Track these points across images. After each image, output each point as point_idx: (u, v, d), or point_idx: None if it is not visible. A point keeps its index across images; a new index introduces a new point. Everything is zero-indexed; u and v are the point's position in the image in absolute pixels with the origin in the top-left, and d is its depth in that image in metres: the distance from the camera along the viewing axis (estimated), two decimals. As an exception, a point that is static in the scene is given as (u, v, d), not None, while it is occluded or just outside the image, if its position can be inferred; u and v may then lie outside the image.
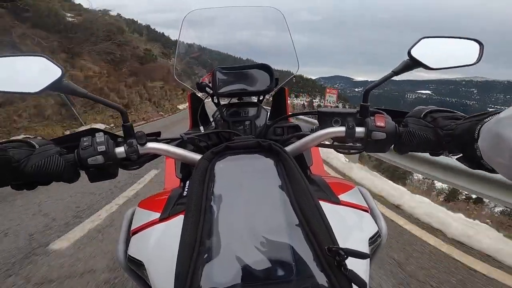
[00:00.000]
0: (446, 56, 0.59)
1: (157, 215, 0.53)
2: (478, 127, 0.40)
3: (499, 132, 0.33)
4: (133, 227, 0.54)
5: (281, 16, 0.99)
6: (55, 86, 0.48)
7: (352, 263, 0.34)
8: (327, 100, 8.48)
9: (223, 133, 0.76)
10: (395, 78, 0.59)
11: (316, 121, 0.64)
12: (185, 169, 0.79)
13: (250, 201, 0.42)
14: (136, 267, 0.49)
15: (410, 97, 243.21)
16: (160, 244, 0.48)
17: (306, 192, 0.41)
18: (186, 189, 0.62)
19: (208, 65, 1.34)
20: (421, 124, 0.52)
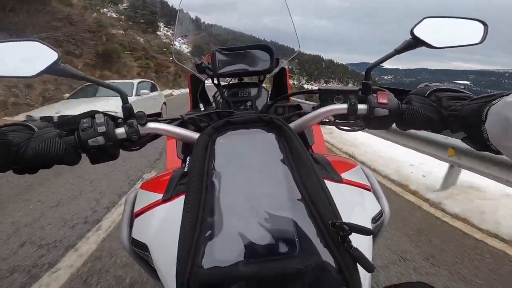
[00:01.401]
0: (450, 35, 0.58)
1: (159, 196, 0.53)
2: (486, 109, 0.40)
3: (508, 115, 0.33)
4: (136, 210, 0.54)
5: None
6: (52, 69, 0.48)
7: (355, 242, 0.34)
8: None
9: (224, 113, 0.76)
10: (428, 66, 0.60)
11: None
12: (187, 149, 0.80)
13: (251, 177, 0.42)
14: (140, 250, 0.49)
15: None
16: (163, 225, 0.48)
17: (308, 166, 0.41)
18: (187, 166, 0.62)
19: (208, 45, 1.31)
20: (425, 103, 0.52)
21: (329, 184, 0.40)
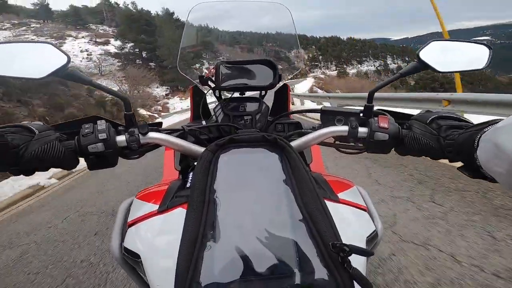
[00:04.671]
0: (455, 59, 0.59)
1: (155, 207, 0.52)
2: (478, 136, 0.41)
3: (497, 141, 0.34)
4: (130, 219, 0.54)
5: (288, 12, 0.99)
6: (60, 73, 0.49)
7: (352, 262, 0.34)
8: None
9: (224, 127, 0.76)
10: (438, 29, 0.59)
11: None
12: (184, 161, 0.79)
13: (254, 195, 0.42)
14: (131, 260, 0.48)
15: None
16: (157, 236, 0.47)
17: (310, 188, 0.41)
18: (189, 181, 0.62)
19: (212, 58, 1.33)
20: (426, 130, 0.51)
21: (327, 204, 0.41)
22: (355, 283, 0.34)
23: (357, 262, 0.37)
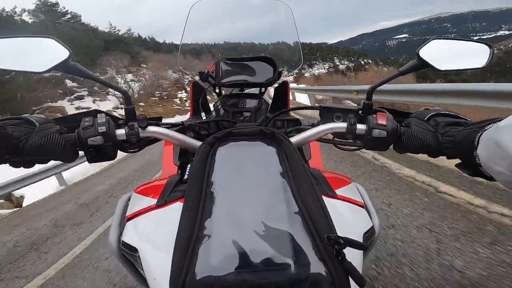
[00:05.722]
0: (455, 58, 0.59)
1: (153, 201, 0.53)
2: (478, 135, 0.40)
3: (498, 140, 0.33)
4: (128, 213, 0.54)
5: (289, 10, 0.99)
6: (62, 67, 0.49)
7: (348, 256, 0.34)
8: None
9: (224, 123, 0.77)
10: (366, 31, 0.61)
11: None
12: (183, 156, 0.80)
13: (250, 188, 0.42)
14: (129, 254, 0.49)
15: (392, 44, 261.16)
16: (155, 230, 0.48)
17: (307, 181, 0.41)
18: (187, 175, 0.62)
19: (213, 56, 1.34)
20: (424, 127, 0.52)
21: (324, 200, 0.41)
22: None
23: (353, 256, 0.38)
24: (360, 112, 0.58)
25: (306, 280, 0.33)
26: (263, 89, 0.88)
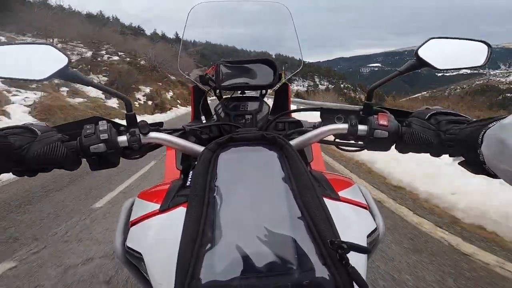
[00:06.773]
0: (454, 57, 0.58)
1: (157, 206, 0.53)
2: (482, 132, 0.40)
3: (503, 138, 0.33)
4: (132, 218, 0.54)
5: (288, 12, 0.99)
6: (61, 74, 0.49)
7: (351, 259, 0.34)
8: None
9: (225, 126, 0.76)
10: (343, 55, 0.62)
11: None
12: (186, 161, 0.80)
13: (253, 193, 0.42)
14: (134, 259, 0.48)
15: (364, 71, 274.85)
16: (159, 235, 0.48)
17: (309, 185, 0.41)
18: (189, 180, 0.62)
19: (212, 58, 1.34)
20: (425, 126, 0.52)
21: (327, 202, 0.41)
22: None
23: (357, 260, 0.37)
24: (361, 113, 0.58)
25: (310, 285, 0.33)
26: (263, 92, 0.88)
